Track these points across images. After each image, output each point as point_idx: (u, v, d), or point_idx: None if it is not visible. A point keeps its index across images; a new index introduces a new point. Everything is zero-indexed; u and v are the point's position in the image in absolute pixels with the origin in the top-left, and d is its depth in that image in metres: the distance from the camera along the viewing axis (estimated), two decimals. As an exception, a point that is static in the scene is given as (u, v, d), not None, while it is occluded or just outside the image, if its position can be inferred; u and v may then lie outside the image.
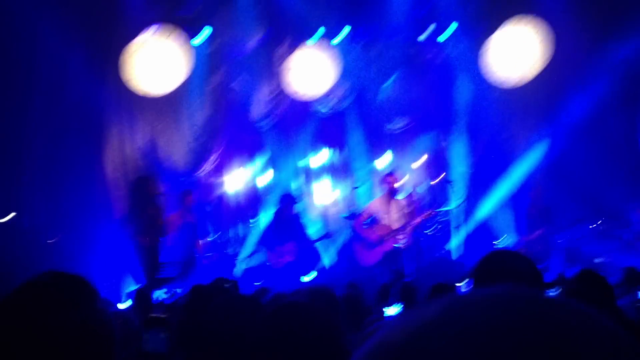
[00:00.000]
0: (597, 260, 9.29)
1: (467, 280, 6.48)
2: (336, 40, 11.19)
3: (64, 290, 1.42)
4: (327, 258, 10.71)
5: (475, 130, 11.36)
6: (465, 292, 0.51)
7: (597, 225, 10.07)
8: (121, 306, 7.04)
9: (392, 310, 4.84)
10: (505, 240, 10.38)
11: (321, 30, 11.17)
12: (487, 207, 11.08)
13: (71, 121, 10.20)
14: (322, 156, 11.84)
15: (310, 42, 10.93)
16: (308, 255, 10.28)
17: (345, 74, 11.18)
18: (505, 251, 3.50)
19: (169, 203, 9.71)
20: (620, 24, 10.00)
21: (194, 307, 2.62)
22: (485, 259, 2.13)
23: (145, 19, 10.29)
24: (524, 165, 11.04)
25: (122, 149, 10.95)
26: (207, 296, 2.88)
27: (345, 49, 11.30)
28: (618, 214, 10.03)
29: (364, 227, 8.91)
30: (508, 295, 0.49)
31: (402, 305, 4.87)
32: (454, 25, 11.05)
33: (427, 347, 0.47)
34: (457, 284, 6.51)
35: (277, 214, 9.99)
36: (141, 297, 5.35)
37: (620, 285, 5.36)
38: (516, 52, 9.94)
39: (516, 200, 10.87)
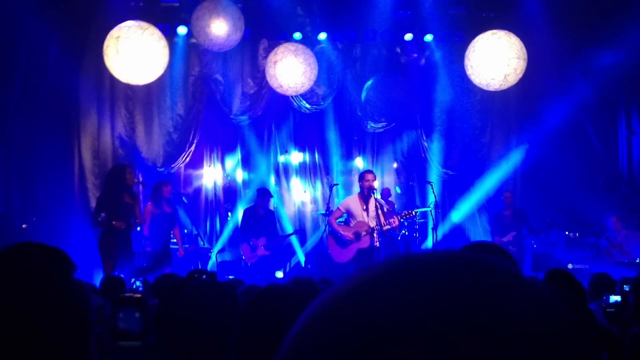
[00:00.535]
0: (570, 266, 9.38)
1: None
2: (318, 38, 11.18)
3: (40, 259, 1.40)
4: (301, 254, 10.73)
5: (455, 133, 11.43)
6: (411, 255, 0.55)
7: (572, 232, 10.19)
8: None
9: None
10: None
11: (304, 27, 11.17)
12: (464, 209, 11.17)
13: (48, 108, 10.11)
14: (301, 153, 11.84)
15: (292, 39, 10.91)
16: (282, 250, 10.27)
17: (327, 72, 11.18)
18: (482, 243, 3.49)
19: (146, 193, 9.64)
20: (599, 31, 10.10)
21: (170, 289, 2.61)
22: (463, 249, 2.14)
23: (126, 7, 10.19)
24: (501, 169, 11.13)
25: (99, 138, 10.88)
26: (182, 281, 2.87)
27: (327, 47, 11.30)
28: (593, 221, 10.15)
29: (339, 223, 8.91)
30: (449, 256, 0.53)
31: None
32: (435, 28, 11.10)
33: (371, 300, 0.50)
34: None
35: (252, 209, 9.96)
36: (113, 284, 5.29)
37: (590, 291, 5.40)
38: (494, 60, 9.95)
39: (492, 203, 10.96)
